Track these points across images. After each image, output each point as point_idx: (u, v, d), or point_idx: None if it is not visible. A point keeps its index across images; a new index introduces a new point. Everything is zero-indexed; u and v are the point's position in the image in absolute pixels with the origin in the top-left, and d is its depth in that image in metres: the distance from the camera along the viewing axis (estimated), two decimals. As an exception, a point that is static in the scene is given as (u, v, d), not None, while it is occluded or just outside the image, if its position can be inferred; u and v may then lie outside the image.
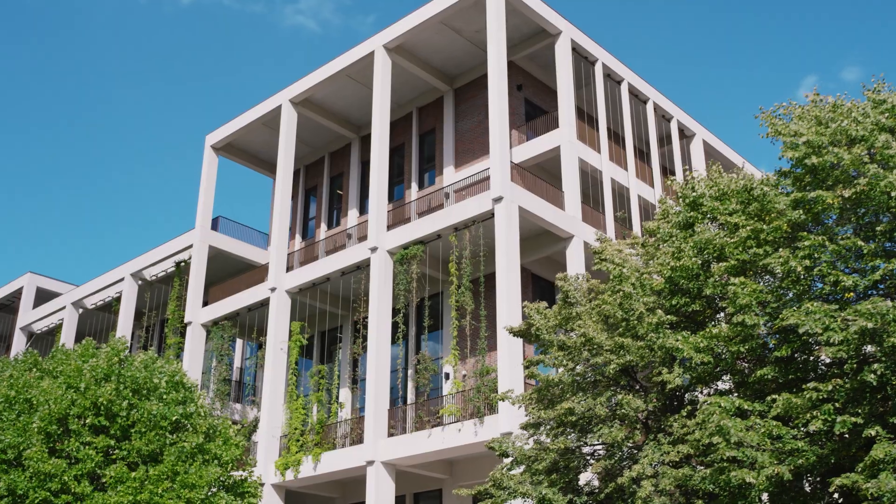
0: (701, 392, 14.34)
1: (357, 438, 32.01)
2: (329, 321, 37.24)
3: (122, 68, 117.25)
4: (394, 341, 32.04)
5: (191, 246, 40.67)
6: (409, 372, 33.80)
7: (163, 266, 43.06)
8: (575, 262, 30.61)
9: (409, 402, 32.69)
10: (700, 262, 13.88)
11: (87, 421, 24.96)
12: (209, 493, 25.40)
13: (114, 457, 25.38)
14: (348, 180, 40.95)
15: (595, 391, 14.64)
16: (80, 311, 47.01)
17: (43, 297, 51.91)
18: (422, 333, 33.18)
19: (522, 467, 15.06)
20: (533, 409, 15.29)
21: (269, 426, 33.61)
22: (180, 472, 25.03)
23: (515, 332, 16.56)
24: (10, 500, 24.49)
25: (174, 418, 26.21)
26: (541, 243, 31.60)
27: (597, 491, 14.37)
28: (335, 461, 31.23)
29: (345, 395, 35.80)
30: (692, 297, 14.33)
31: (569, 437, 14.49)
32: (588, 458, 15.27)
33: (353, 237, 38.59)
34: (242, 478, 28.11)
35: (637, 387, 14.87)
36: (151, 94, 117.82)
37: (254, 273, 40.25)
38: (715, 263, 13.70)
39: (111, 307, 46.01)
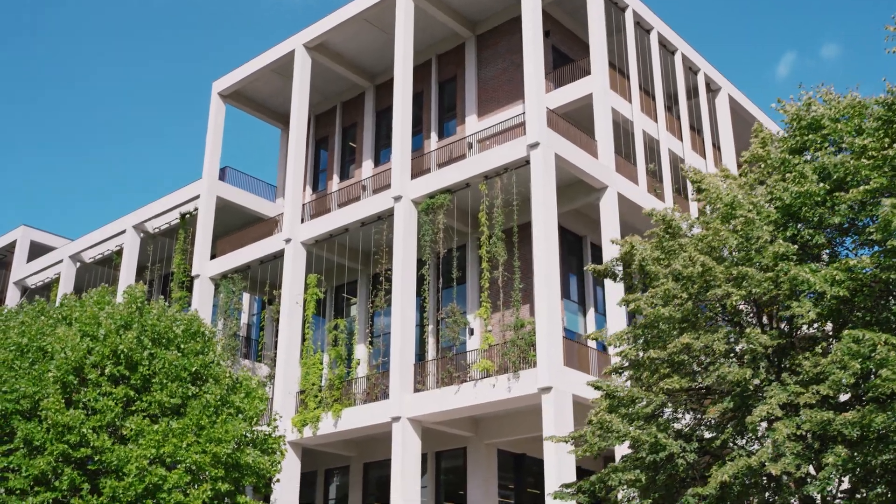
0: (822, 329, 13.15)
1: (377, 395, 30.81)
2: (345, 275, 35.88)
3: (123, 11, 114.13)
4: (418, 294, 30.81)
5: (197, 197, 39.13)
6: (430, 328, 32.57)
7: (166, 218, 41.47)
8: (609, 214, 29.39)
9: (430, 357, 31.48)
10: (827, 187, 12.67)
11: (107, 371, 23.59)
12: (235, 448, 24.17)
13: (133, 409, 24.07)
14: (362, 130, 39.44)
15: (708, 328, 13.49)
16: (78, 264, 45.37)
17: (37, 251, 50.19)
18: (446, 287, 31.88)
19: (611, 415, 13.87)
20: (632, 349, 14.09)
21: (284, 382, 32.32)
22: (205, 425, 23.78)
23: (599, 272, 15.34)
24: (25, 452, 23.14)
25: (193, 369, 24.94)
26: (572, 194, 30.34)
27: (712, 436, 13.24)
28: (357, 418, 30.03)
29: (360, 351, 34.54)
30: (814, 227, 13.15)
31: (681, 377, 13.30)
32: (702, 400, 14.18)
33: (368, 189, 37.15)
34: (267, 433, 26.94)
35: (755, 323, 13.74)
36: (155, 40, 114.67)
37: (262, 226, 38.82)
38: (838, 192, 12.51)
39: (111, 261, 44.42)
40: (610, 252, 28.90)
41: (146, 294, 26.47)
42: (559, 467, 24.74)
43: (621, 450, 23.97)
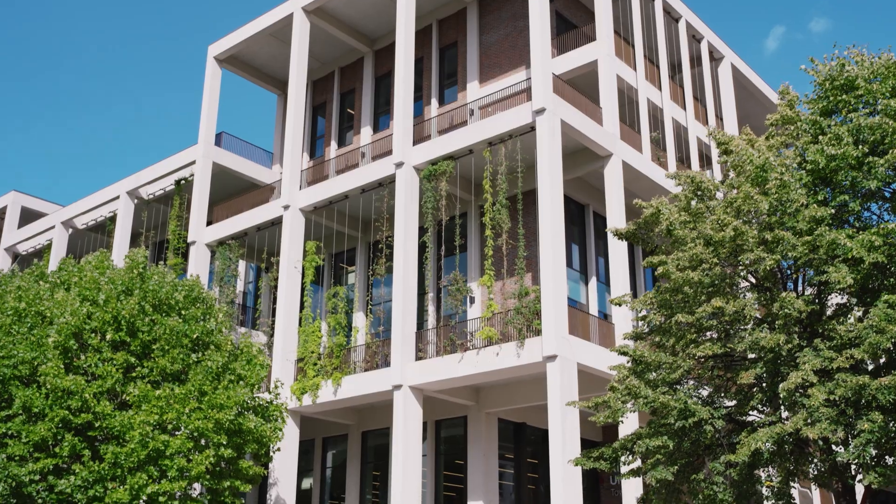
0: (855, 294, 12.88)
1: (378, 363, 30.56)
2: (343, 243, 35.50)
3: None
4: (420, 262, 30.50)
5: (192, 162, 38.57)
6: (431, 296, 32.28)
7: (161, 184, 40.91)
8: (613, 182, 29.08)
9: (430, 326, 31.21)
10: (865, 150, 12.35)
11: (107, 336, 23.25)
12: (237, 415, 23.93)
13: (134, 375, 23.77)
14: (360, 96, 38.90)
15: (737, 293, 13.22)
16: (71, 231, 44.81)
17: (28, 217, 49.56)
18: (447, 255, 31.55)
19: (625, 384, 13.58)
20: (656, 314, 13.81)
21: (283, 350, 32.02)
22: (207, 392, 23.51)
23: (622, 234, 15.02)
24: (24, 419, 22.82)
25: (195, 336, 24.63)
26: (576, 162, 30.00)
27: (740, 402, 13.02)
28: (357, 386, 29.79)
29: (359, 320, 34.24)
30: (847, 192, 12.86)
31: (712, 343, 13.04)
32: (730, 367, 13.93)
33: (366, 156, 36.69)
34: (269, 401, 26.70)
35: (782, 289, 13.47)
36: (151, 2, 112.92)
37: (259, 193, 38.33)
38: (871, 157, 12.19)
39: (104, 227, 43.87)
40: (615, 220, 28.67)
41: (147, 260, 26.04)
42: (563, 436, 24.58)
43: (628, 422, 23.78)
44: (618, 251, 28.34)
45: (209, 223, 37.88)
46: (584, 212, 32.04)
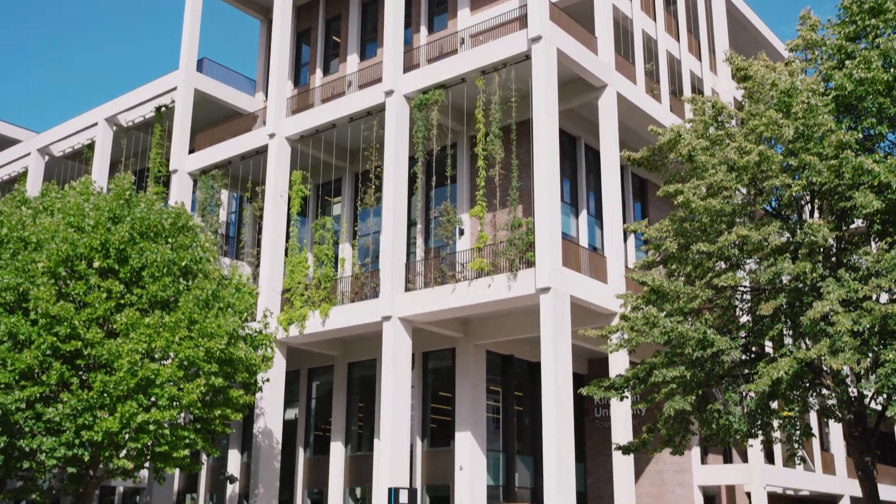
0: (880, 221, 12.62)
1: (366, 294, 30.28)
2: (329, 173, 34.90)
3: None
4: (410, 193, 30.05)
5: (173, 89, 37.57)
6: (419, 227, 31.91)
7: (141, 111, 39.86)
8: (608, 114, 28.67)
9: (419, 258, 30.90)
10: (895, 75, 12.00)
11: (95, 264, 22.73)
12: (228, 344, 23.62)
13: (123, 302, 23.33)
14: (347, 23, 37.90)
15: (756, 222, 12.96)
16: (47, 158, 43.73)
17: (2, 144, 48.33)
18: (438, 186, 31.09)
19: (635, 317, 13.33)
20: (671, 242, 13.52)
21: (269, 281, 31.64)
22: (198, 320, 23.14)
23: (638, 160, 14.65)
24: (10, 346, 22.37)
25: (183, 263, 24.17)
26: (570, 93, 29.47)
27: (759, 332, 12.84)
28: (346, 317, 29.53)
29: (345, 251, 33.83)
30: (874, 118, 12.55)
31: (733, 272, 12.80)
32: (745, 295, 13.76)
33: (353, 84, 35.88)
34: (258, 330, 26.41)
35: (805, 219, 13.23)
36: None
37: (241, 121, 37.51)
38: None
39: (82, 155, 42.83)
40: (608, 152, 28.32)
41: (133, 186, 25.42)
42: (556, 368, 24.55)
43: (620, 355, 23.63)
44: (611, 184, 28.04)
45: (191, 151, 37.09)
46: (575, 144, 31.64)
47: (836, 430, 42.58)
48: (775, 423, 14.00)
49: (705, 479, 34.19)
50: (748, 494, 35.02)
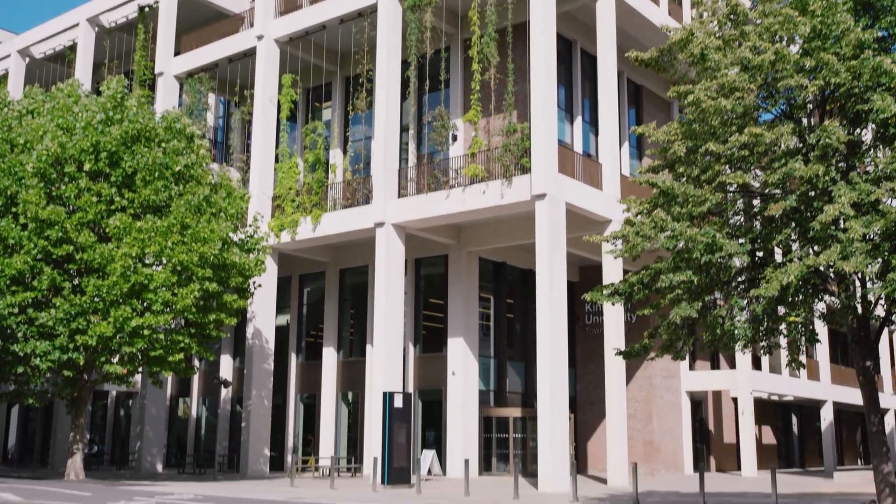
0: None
1: (358, 200, 30.02)
2: (319, 77, 34.19)
3: None
4: (403, 97, 29.53)
5: (157, -13, 36.46)
6: (411, 132, 31.49)
7: (124, 11, 38.73)
8: (606, 17, 28.04)
9: (411, 164, 30.56)
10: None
11: (85, 166, 22.33)
12: (221, 249, 23.45)
13: (114, 206, 23.02)
14: (335, -80, 36.59)
15: (769, 123, 12.71)
16: (28, 60, 42.69)
17: (-20, 45, 47.01)
18: (431, 91, 30.52)
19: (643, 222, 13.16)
20: (679, 145, 13.27)
21: (259, 186, 31.28)
22: (190, 225, 22.89)
23: (646, 61, 14.26)
24: (0, 250, 22.11)
25: (177, 168, 23.80)
26: (565, -7, 28.69)
27: (767, 236, 12.70)
28: (338, 223, 29.33)
29: (335, 157, 33.40)
30: (894, 16, 12.20)
31: (742, 171, 12.58)
32: (754, 200, 13.60)
33: (343, -15, 34.83)
34: (249, 234, 26.22)
35: (816, 122, 12.97)
36: None
37: (229, 22, 36.56)
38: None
39: (65, 57, 41.81)
40: (605, 57, 27.78)
41: (125, 88, 24.81)
42: (551, 275, 24.54)
43: (615, 262, 23.53)
44: (607, 89, 27.59)
45: (177, 54, 36.23)
46: (571, 48, 31.03)
47: (821, 336, 43.13)
48: (782, 329, 14.01)
49: (693, 384, 34.72)
50: (734, 400, 35.64)
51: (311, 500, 19.31)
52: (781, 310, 13.65)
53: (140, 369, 26.09)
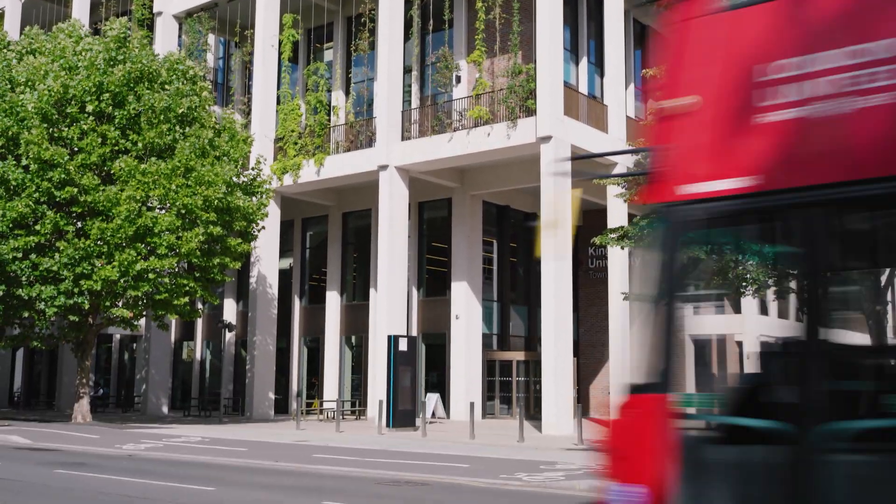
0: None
1: (361, 143, 29.76)
2: (321, 17, 33.66)
3: None
4: (406, 38, 29.09)
5: (154, -75, 35.69)
6: (414, 74, 31.09)
7: (120, -51, 38.01)
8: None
9: (414, 106, 30.24)
10: None
11: (89, 108, 22.04)
12: (225, 193, 23.28)
13: (118, 149, 22.79)
14: None
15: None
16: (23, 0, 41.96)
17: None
18: (435, 31, 30.05)
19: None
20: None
21: (261, 129, 30.96)
22: (195, 168, 22.69)
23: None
24: (2, 192, 21.93)
25: (181, 111, 23.51)
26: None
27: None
28: (341, 166, 29.12)
29: (338, 99, 33.02)
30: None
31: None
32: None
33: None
34: (252, 177, 26.04)
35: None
36: None
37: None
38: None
39: (60, -4, 41.09)
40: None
41: (129, 28, 24.40)
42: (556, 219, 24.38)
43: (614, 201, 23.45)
44: (614, 30, 27.19)
45: (175, -8, 35.61)
46: (575, -12, 30.47)
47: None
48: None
49: (696, 328, 34.73)
50: (739, 344, 35.73)
51: (320, 443, 19.46)
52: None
53: (145, 313, 26.10)
